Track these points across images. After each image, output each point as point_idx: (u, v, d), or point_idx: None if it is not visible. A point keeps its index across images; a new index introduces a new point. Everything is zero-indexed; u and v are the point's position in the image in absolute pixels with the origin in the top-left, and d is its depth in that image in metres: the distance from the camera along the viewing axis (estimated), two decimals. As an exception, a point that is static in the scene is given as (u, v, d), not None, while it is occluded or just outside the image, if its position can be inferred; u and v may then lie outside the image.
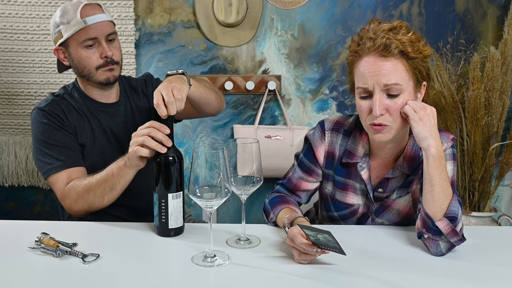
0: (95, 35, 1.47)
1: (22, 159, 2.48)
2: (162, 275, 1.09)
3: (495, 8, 2.41)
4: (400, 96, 1.20)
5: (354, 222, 1.42)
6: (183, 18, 2.43)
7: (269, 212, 1.39)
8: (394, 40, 1.18)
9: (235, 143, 1.20)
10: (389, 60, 1.18)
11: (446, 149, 1.28)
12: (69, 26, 1.45)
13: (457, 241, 1.18)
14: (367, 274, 1.10)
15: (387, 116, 1.21)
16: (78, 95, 1.57)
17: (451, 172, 1.28)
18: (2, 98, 2.42)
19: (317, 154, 1.40)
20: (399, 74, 1.19)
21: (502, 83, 2.23)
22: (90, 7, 1.47)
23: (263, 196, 1.47)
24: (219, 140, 2.55)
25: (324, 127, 1.40)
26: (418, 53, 1.20)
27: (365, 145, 1.34)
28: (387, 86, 1.18)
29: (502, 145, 2.34)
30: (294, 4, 2.41)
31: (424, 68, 1.23)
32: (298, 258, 1.14)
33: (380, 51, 1.19)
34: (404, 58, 1.19)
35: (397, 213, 1.37)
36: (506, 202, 2.57)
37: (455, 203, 1.18)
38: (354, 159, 1.34)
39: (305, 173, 1.42)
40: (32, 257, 1.17)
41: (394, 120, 1.21)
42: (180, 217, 1.29)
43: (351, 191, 1.38)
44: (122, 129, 1.59)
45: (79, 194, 1.42)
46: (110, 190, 1.40)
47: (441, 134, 1.28)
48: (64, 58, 1.54)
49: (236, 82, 2.46)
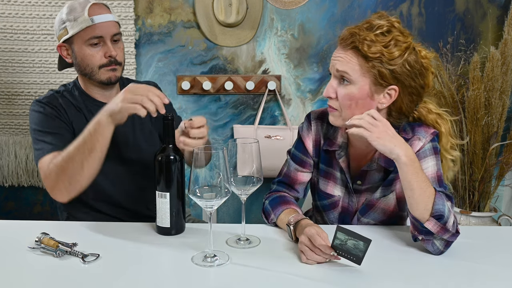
0: (101, 34, 1.47)
1: (22, 159, 2.48)
2: (162, 275, 1.09)
3: (495, 8, 2.41)
4: (348, 87, 1.26)
5: (337, 218, 1.43)
6: (183, 18, 2.43)
7: (270, 213, 1.38)
8: (356, 35, 1.23)
9: (235, 143, 1.20)
10: (347, 51, 1.26)
11: (424, 144, 1.29)
12: (76, 23, 1.46)
13: (450, 237, 1.18)
14: (367, 275, 1.10)
15: (335, 100, 1.29)
16: (78, 93, 1.57)
17: (434, 167, 1.28)
18: (2, 98, 2.42)
19: (307, 144, 1.44)
20: (351, 66, 1.25)
21: (502, 83, 2.23)
22: (97, 6, 1.49)
23: (263, 196, 1.47)
24: (219, 140, 2.55)
25: (310, 118, 1.45)
26: (378, 54, 1.21)
27: (343, 134, 1.38)
28: (339, 72, 1.26)
29: (502, 145, 2.34)
30: (294, 4, 2.41)
31: (390, 71, 1.23)
32: (308, 258, 1.14)
33: (341, 41, 1.28)
34: (359, 54, 1.24)
35: (382, 212, 1.37)
36: (506, 202, 2.57)
37: (439, 201, 1.19)
38: (333, 147, 1.38)
39: (298, 165, 1.44)
40: (32, 257, 1.17)
41: (341, 106, 1.28)
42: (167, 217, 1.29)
43: (332, 180, 1.41)
44: (119, 129, 1.58)
45: (58, 166, 1.36)
46: (90, 153, 1.33)
47: (420, 130, 1.30)
48: (66, 55, 1.55)
49: (236, 82, 2.46)
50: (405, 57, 1.23)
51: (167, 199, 1.27)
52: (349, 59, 1.25)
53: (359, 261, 1.09)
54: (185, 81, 2.45)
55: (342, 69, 1.26)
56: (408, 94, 1.27)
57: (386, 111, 1.30)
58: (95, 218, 1.52)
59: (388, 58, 1.22)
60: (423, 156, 1.28)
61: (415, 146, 1.29)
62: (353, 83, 1.25)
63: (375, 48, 1.22)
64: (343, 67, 1.25)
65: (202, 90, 2.47)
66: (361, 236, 1.06)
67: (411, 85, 1.26)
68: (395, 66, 1.22)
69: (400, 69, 1.23)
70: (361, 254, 1.08)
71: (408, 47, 1.24)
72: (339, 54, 1.27)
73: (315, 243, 1.12)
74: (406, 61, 1.23)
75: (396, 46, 1.22)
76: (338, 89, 1.28)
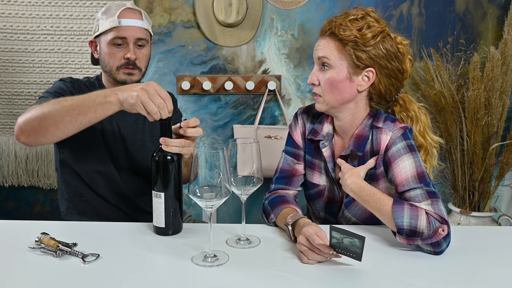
0: (125, 35, 1.52)
1: (22, 159, 2.48)
2: (162, 275, 1.10)
3: (495, 8, 2.41)
4: (328, 71, 1.34)
5: (323, 207, 1.48)
6: (183, 18, 2.43)
7: (269, 212, 1.39)
8: (333, 23, 1.33)
9: (235, 143, 1.20)
10: (325, 39, 1.35)
11: (393, 140, 1.31)
12: (106, 22, 1.53)
13: (428, 239, 1.17)
14: (366, 275, 1.10)
15: (319, 87, 1.37)
16: (98, 86, 1.62)
17: (411, 165, 1.28)
18: (2, 98, 2.43)
19: (295, 137, 1.50)
20: (330, 51, 1.33)
21: (502, 83, 2.23)
22: (130, 11, 1.55)
23: (263, 196, 1.48)
24: (219, 140, 2.55)
25: (297, 113, 1.53)
26: (352, 37, 1.30)
27: (329, 125, 1.45)
28: (320, 59, 1.35)
29: (502, 145, 2.34)
30: (294, 4, 2.41)
31: (366, 53, 1.31)
32: (309, 258, 1.14)
33: (322, 32, 1.38)
34: (335, 38, 1.33)
35: (364, 209, 1.39)
36: (506, 202, 2.57)
37: (396, 214, 1.20)
38: (318, 137, 1.44)
39: (293, 158, 1.50)
40: (32, 257, 1.17)
41: (323, 92, 1.36)
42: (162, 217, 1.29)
43: (317, 170, 1.47)
44: (130, 129, 1.61)
45: (42, 104, 1.32)
46: (78, 114, 1.27)
47: (389, 123, 1.35)
48: (94, 50, 1.61)
49: (236, 82, 2.46)
50: (378, 40, 1.31)
51: (162, 199, 1.27)
52: (327, 45, 1.34)
53: (359, 257, 1.09)
54: (185, 81, 2.45)
55: (322, 54, 1.34)
56: (386, 77, 1.35)
57: (367, 95, 1.38)
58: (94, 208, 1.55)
59: (362, 40, 1.30)
60: (397, 156, 1.30)
61: (383, 140, 1.33)
62: (332, 68, 1.34)
63: (350, 32, 1.31)
64: (323, 53, 1.34)
65: (202, 90, 2.47)
66: (354, 234, 1.06)
67: (388, 67, 1.34)
68: (369, 47, 1.31)
69: (375, 51, 1.32)
70: (359, 250, 1.07)
71: (383, 31, 1.33)
72: (319, 43, 1.37)
73: (313, 243, 1.12)
74: (381, 43, 1.32)
75: (370, 29, 1.31)
76: (319, 75, 1.36)
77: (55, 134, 1.31)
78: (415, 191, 1.25)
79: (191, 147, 1.29)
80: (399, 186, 1.28)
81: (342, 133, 1.43)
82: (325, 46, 1.34)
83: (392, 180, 1.31)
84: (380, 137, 1.34)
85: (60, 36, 2.37)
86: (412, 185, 1.25)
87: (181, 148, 1.27)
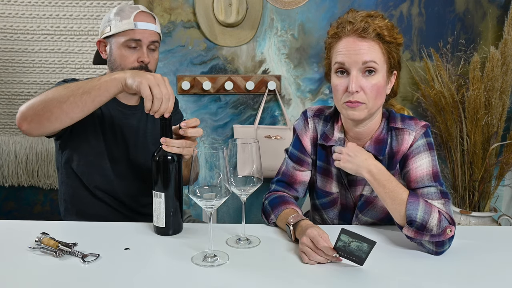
0: (140, 38, 1.52)
1: (22, 159, 2.48)
2: (162, 275, 1.09)
3: (495, 8, 2.41)
4: (374, 76, 1.25)
5: (337, 215, 1.44)
6: (183, 18, 2.43)
7: (269, 213, 1.38)
8: (372, 24, 1.24)
9: (235, 143, 1.20)
10: (367, 41, 1.25)
11: (416, 139, 1.30)
12: (120, 23, 1.52)
13: (434, 237, 1.17)
14: (367, 275, 1.10)
15: (362, 94, 1.25)
16: None
17: (428, 163, 1.28)
18: (2, 98, 2.43)
19: (304, 142, 1.44)
20: (376, 54, 1.25)
21: (502, 83, 2.23)
22: (145, 15, 1.55)
23: (263, 196, 1.47)
24: (219, 140, 2.55)
25: (307, 116, 1.45)
26: (393, 38, 1.27)
27: (340, 130, 1.39)
28: (366, 63, 1.24)
29: (502, 145, 2.34)
30: (294, 4, 2.41)
31: (397, 55, 1.30)
32: (311, 259, 1.14)
33: (358, 33, 1.25)
34: (380, 41, 1.25)
35: (380, 210, 1.38)
36: (506, 202, 2.57)
37: (411, 206, 1.19)
38: (329, 143, 1.38)
39: (296, 164, 1.45)
40: (32, 257, 1.17)
41: (369, 98, 1.26)
42: (162, 217, 1.29)
43: (330, 177, 1.42)
44: (132, 131, 1.60)
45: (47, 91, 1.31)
46: (81, 94, 1.28)
47: (410, 123, 1.33)
48: (103, 51, 1.60)
49: (236, 82, 2.46)
50: None
51: (163, 199, 1.27)
52: (373, 48, 1.25)
53: (362, 262, 1.10)
54: (185, 81, 2.45)
55: (369, 59, 1.24)
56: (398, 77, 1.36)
57: None
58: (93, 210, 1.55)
59: (397, 42, 1.29)
60: (416, 152, 1.30)
61: (406, 141, 1.31)
62: (377, 72, 1.26)
63: (391, 32, 1.27)
64: (370, 57, 1.24)
65: (202, 90, 2.47)
66: (365, 238, 1.06)
67: (400, 68, 1.34)
68: (399, 49, 1.31)
69: (399, 52, 1.32)
70: (364, 255, 1.08)
71: None
72: (358, 47, 1.24)
73: (317, 245, 1.12)
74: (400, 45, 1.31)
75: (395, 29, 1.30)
76: (362, 81, 1.25)
77: (59, 117, 1.29)
78: (429, 189, 1.25)
79: (191, 147, 1.29)
80: (413, 183, 1.28)
81: (357, 139, 1.37)
82: (371, 49, 1.24)
83: (406, 175, 1.30)
84: (403, 138, 1.32)
85: (60, 36, 2.37)
86: (426, 183, 1.26)
87: (181, 149, 1.27)
